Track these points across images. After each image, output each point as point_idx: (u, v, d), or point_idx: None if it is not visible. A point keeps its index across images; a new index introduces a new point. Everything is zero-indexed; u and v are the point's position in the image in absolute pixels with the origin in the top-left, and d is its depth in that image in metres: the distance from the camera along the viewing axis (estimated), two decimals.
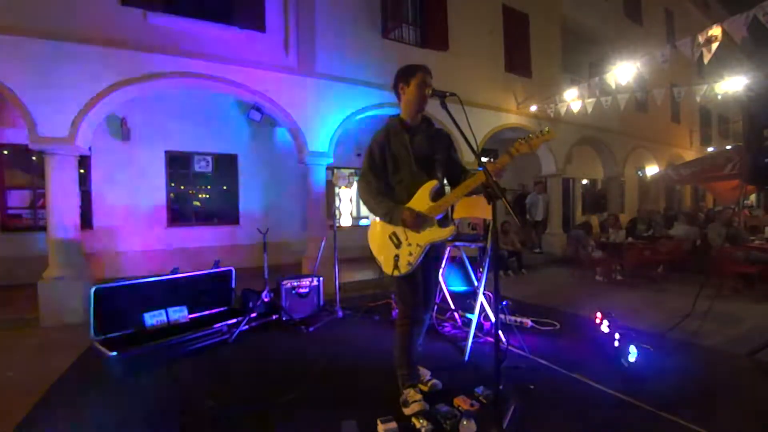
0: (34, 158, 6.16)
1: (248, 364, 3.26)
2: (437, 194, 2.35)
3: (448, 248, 3.85)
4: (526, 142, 2.10)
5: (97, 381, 2.92)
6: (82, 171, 5.65)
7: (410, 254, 2.28)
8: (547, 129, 2.14)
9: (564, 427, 2.23)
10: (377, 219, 2.45)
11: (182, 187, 7.44)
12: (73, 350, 3.50)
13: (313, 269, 5.30)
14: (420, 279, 2.41)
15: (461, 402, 2.36)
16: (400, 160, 2.39)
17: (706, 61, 5.14)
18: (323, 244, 5.36)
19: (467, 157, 7.65)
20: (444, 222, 2.36)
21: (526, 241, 9.16)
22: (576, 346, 3.44)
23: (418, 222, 2.24)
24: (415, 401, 2.28)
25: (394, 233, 2.34)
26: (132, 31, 4.91)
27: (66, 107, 4.56)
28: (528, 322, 4.03)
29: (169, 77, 5.14)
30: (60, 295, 4.44)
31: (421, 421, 2.15)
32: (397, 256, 2.30)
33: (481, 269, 3.45)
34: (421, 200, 2.31)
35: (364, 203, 2.46)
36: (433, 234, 2.27)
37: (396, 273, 2.29)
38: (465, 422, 2.04)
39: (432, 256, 2.43)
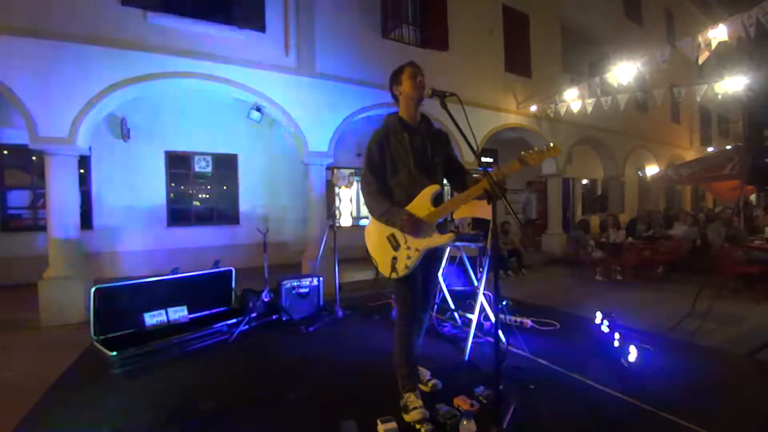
0: (34, 158, 6.16)
1: (248, 364, 3.25)
2: (438, 199, 2.32)
3: (448, 248, 3.84)
4: (533, 157, 2.07)
5: (97, 381, 2.92)
6: (82, 171, 5.65)
7: (408, 258, 2.24)
8: (552, 145, 2.14)
9: (564, 427, 2.23)
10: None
11: (182, 187, 7.44)
12: (73, 350, 3.50)
13: (313, 269, 5.30)
14: (419, 280, 2.39)
15: (461, 402, 2.36)
16: (399, 160, 2.35)
17: (701, 61, 5.15)
18: (323, 244, 5.36)
19: (467, 157, 7.66)
20: (443, 227, 2.33)
21: (525, 241, 9.23)
22: (576, 346, 3.44)
23: (417, 228, 2.21)
24: (416, 408, 2.23)
25: (392, 235, 2.31)
26: (132, 31, 4.91)
27: (66, 107, 4.56)
28: (528, 322, 4.03)
29: (169, 77, 5.14)
30: (60, 295, 4.45)
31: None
32: (394, 258, 2.27)
33: (481, 269, 3.45)
34: (421, 205, 2.28)
35: (365, 203, 2.44)
36: (433, 240, 2.25)
37: (393, 275, 2.27)
38: (465, 422, 2.04)
39: (432, 256, 2.41)
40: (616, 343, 3.12)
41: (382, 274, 2.35)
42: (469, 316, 3.37)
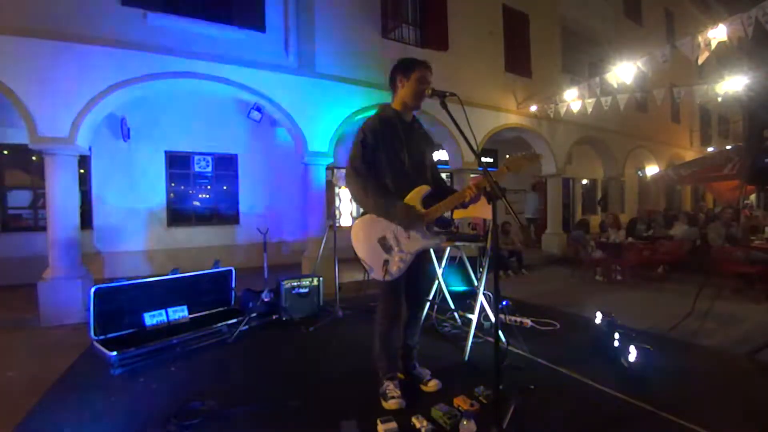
0: (34, 158, 6.15)
1: (248, 364, 3.25)
2: (427, 201, 2.31)
3: (448, 248, 3.85)
4: (515, 162, 2.10)
5: (97, 381, 2.91)
6: (82, 171, 5.65)
7: (402, 261, 2.27)
8: (534, 152, 2.21)
9: (564, 427, 2.23)
10: (363, 216, 2.41)
11: (182, 187, 7.44)
12: (73, 350, 3.50)
13: (313, 269, 5.30)
14: (405, 279, 2.38)
15: (461, 402, 2.36)
16: (392, 154, 2.32)
17: (701, 61, 5.15)
18: (323, 244, 5.36)
19: (467, 157, 7.68)
20: (431, 228, 2.34)
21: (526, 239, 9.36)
22: (576, 346, 3.44)
23: (417, 225, 2.23)
24: (393, 398, 2.31)
25: (383, 238, 2.30)
26: (132, 31, 4.91)
27: (66, 107, 4.56)
28: (528, 322, 4.03)
29: (169, 77, 5.14)
30: (60, 295, 4.45)
31: (421, 420, 2.15)
32: (387, 261, 2.28)
33: (481, 269, 3.45)
34: (413, 203, 2.28)
35: (353, 195, 2.34)
36: (424, 242, 2.28)
37: (388, 278, 2.28)
38: (465, 422, 2.04)
39: (423, 254, 2.41)
40: (616, 343, 3.12)
41: (375, 278, 2.36)
42: (469, 316, 3.37)
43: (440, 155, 8.57)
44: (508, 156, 2.14)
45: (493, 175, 2.13)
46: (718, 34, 4.88)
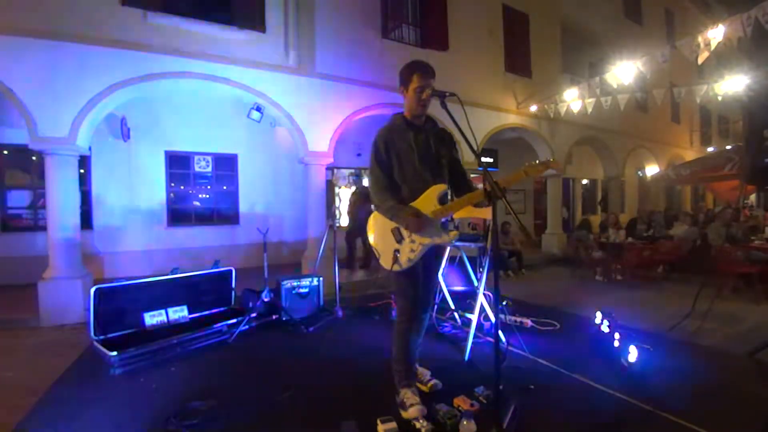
0: (34, 158, 6.15)
1: (248, 364, 3.25)
2: (443, 198, 2.34)
3: (448, 248, 3.84)
4: (535, 168, 2.09)
5: (97, 381, 2.92)
6: (82, 171, 5.65)
7: (411, 251, 2.27)
8: (552, 159, 2.21)
9: (564, 427, 2.23)
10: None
11: (182, 187, 7.44)
12: (73, 350, 3.50)
13: (313, 269, 5.30)
14: (420, 275, 2.40)
15: (461, 402, 2.36)
16: (404, 157, 2.37)
17: (701, 61, 5.15)
18: (323, 244, 5.37)
19: (467, 157, 7.65)
20: (447, 225, 2.36)
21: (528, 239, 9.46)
22: (576, 346, 3.44)
23: (422, 228, 2.24)
24: (413, 405, 2.25)
25: (396, 228, 2.33)
26: (132, 31, 4.91)
27: (66, 107, 4.56)
28: (528, 322, 4.03)
29: (169, 77, 5.15)
30: (60, 295, 4.45)
31: (421, 421, 2.15)
32: (397, 251, 2.29)
33: (481, 269, 3.45)
34: (427, 202, 2.30)
35: (372, 196, 2.44)
36: (437, 237, 2.28)
37: (396, 268, 2.28)
38: (465, 422, 2.04)
39: (433, 254, 2.42)
40: (616, 343, 3.12)
41: (383, 267, 2.36)
42: (469, 316, 3.37)
43: None
44: (527, 162, 2.15)
45: (512, 178, 2.13)
46: (717, 34, 4.88)
